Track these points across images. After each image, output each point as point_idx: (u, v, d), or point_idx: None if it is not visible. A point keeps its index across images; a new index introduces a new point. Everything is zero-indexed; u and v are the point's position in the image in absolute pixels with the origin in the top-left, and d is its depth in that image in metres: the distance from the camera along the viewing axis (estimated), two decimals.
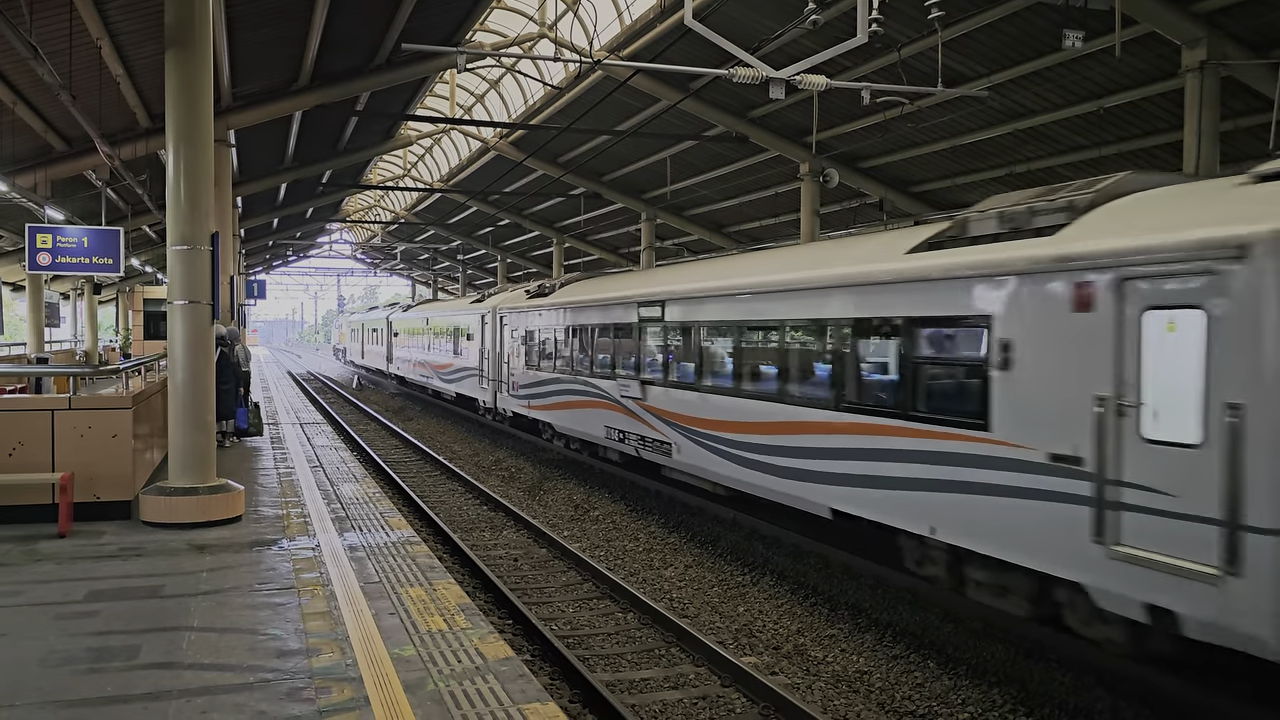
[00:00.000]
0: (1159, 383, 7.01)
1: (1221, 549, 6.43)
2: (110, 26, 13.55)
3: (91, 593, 7.44)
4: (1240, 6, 13.55)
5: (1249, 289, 6.37)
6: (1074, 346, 7.66)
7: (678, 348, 14.98)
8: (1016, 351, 8.23)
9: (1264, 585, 6.17)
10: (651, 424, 15.53)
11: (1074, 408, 7.59)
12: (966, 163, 22.03)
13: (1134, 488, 7.10)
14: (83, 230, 17.15)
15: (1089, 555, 7.43)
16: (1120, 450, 7.21)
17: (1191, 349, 6.75)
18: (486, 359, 26.45)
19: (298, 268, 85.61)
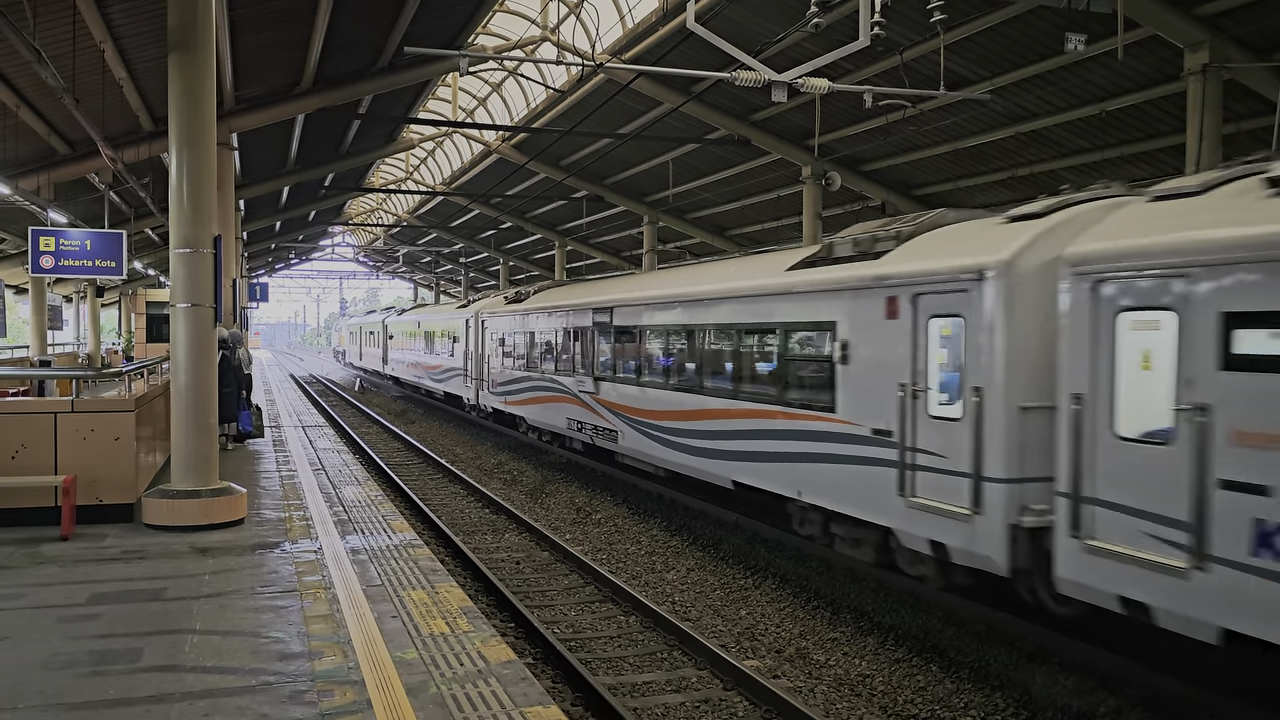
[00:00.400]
0: (938, 372, 9.34)
1: (971, 495, 8.68)
2: (113, 30, 13.57)
3: (94, 595, 7.44)
4: (1243, 10, 13.55)
5: (985, 301, 8.61)
6: (886, 345, 9.91)
7: (621, 348, 17.25)
8: (851, 350, 10.51)
9: (995, 520, 8.45)
10: (602, 415, 17.80)
11: (887, 392, 9.82)
12: (969, 166, 22.03)
13: (924, 453, 9.36)
14: (85, 233, 17.18)
15: (897, 506, 9.68)
16: (915, 424, 9.49)
17: (955, 347, 9.05)
18: (470, 359, 28.68)
19: (300, 271, 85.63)
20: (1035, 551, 8.25)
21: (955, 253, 9.18)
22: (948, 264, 9.12)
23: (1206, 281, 6.59)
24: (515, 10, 24.28)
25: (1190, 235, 6.81)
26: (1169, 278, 6.87)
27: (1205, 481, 6.53)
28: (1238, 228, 6.50)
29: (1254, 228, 6.36)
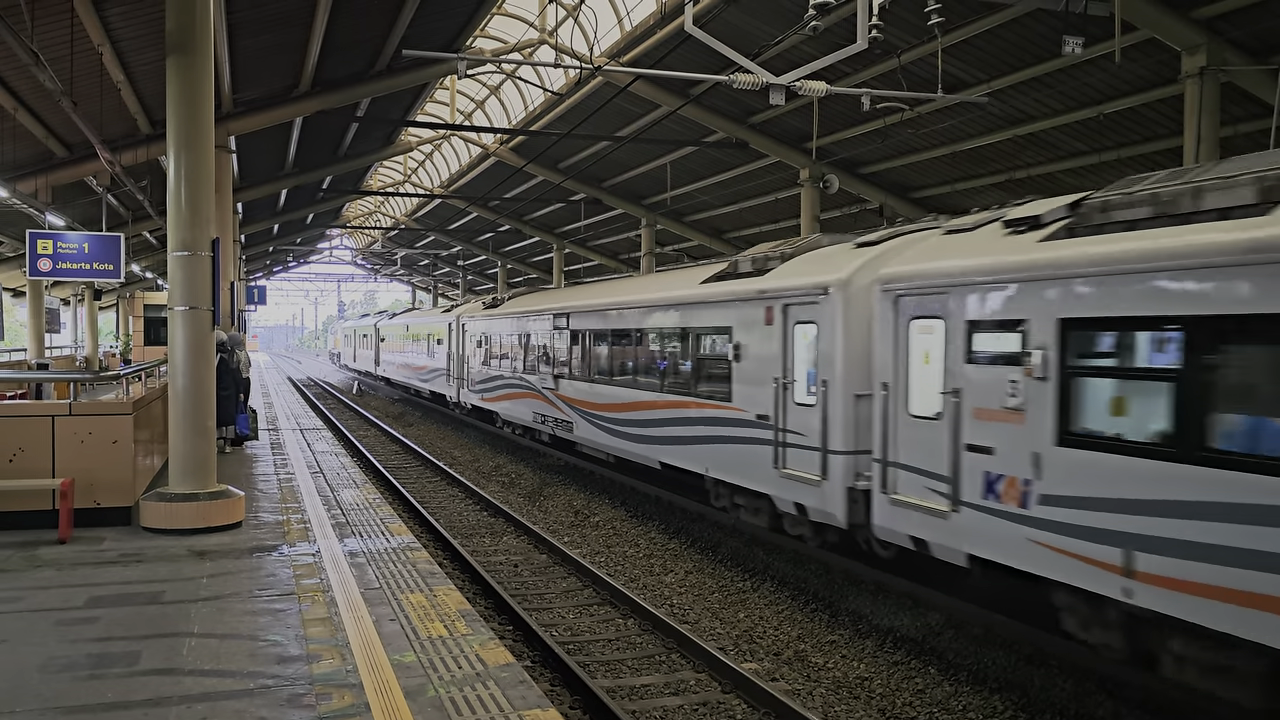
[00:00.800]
0: (801, 368, 11.62)
1: (820, 465, 10.96)
2: (111, 33, 13.57)
3: (92, 599, 7.43)
4: (1240, 12, 13.57)
5: (827, 311, 10.91)
6: (765, 346, 12.26)
7: (575, 350, 19.51)
8: (741, 351, 12.87)
9: (837, 485, 10.73)
10: (561, 409, 20.08)
11: (766, 385, 12.19)
12: (966, 168, 22.05)
13: (791, 433, 11.64)
14: (83, 236, 17.17)
15: (774, 476, 11.96)
16: (786, 410, 11.79)
17: (811, 347, 11.35)
18: (451, 360, 31.29)
19: (298, 273, 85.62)
20: (865, 508, 10.33)
21: (813, 272, 11.50)
22: (806, 281, 11.51)
23: (957, 298, 8.80)
24: (513, 13, 24.29)
25: (949, 264, 9.02)
26: (938, 294, 9.08)
27: (958, 446, 8.74)
28: (974, 259, 8.72)
29: (984, 259, 8.59)
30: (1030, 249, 8.16)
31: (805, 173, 23.37)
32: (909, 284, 9.50)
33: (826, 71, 15.44)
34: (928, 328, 9.35)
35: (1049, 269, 7.85)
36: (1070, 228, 7.96)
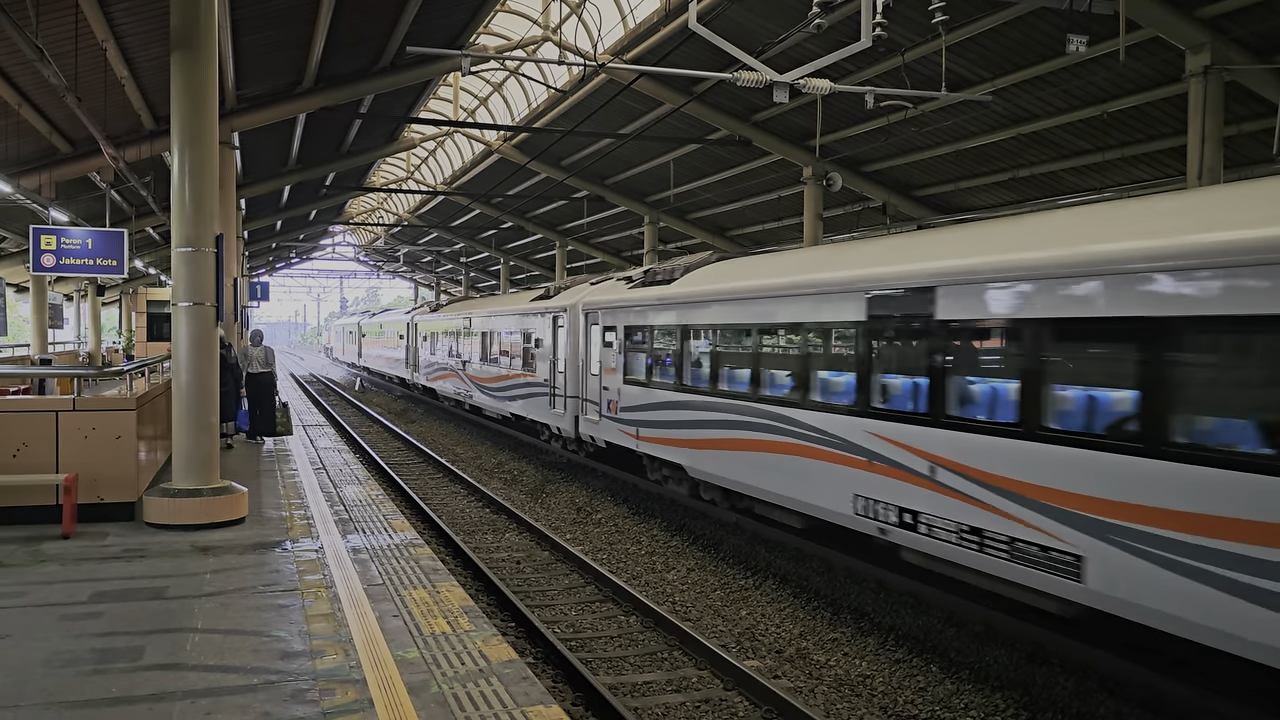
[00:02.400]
0: (560, 350, 20.36)
1: (562, 403, 20.02)
2: (116, 29, 13.58)
3: (96, 594, 7.45)
4: (1244, 11, 13.55)
5: (565, 320, 20.23)
6: (548, 340, 21.33)
7: (472, 343, 29.48)
8: (539, 342, 21.86)
9: (568, 414, 19.66)
10: (468, 384, 29.57)
11: (548, 362, 21.05)
12: (970, 167, 22.03)
13: (555, 388, 20.52)
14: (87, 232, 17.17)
15: (550, 413, 20.78)
16: (554, 376, 20.58)
17: (559, 338, 20.75)
18: (409, 351, 40.05)
19: (301, 270, 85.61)
20: (577, 427, 19.31)
21: (563, 299, 20.93)
22: (558, 304, 20.89)
23: (601, 314, 17.94)
24: (517, 10, 24.28)
25: (597, 298, 18.29)
26: (600, 311, 17.91)
27: (600, 387, 17.89)
28: (604, 295, 18.01)
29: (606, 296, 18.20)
30: (621, 291, 17.26)
31: (808, 171, 23.35)
32: (589, 307, 18.67)
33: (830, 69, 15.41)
34: (600, 329, 18.09)
35: (624, 302, 16.88)
36: (642, 282, 16.72)
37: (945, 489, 8.98)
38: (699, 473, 14.06)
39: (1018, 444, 8.20)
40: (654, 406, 15.50)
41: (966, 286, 8.91)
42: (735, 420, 12.96)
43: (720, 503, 14.34)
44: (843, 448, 10.57)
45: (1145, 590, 7.05)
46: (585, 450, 19.96)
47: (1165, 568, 6.88)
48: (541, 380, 21.38)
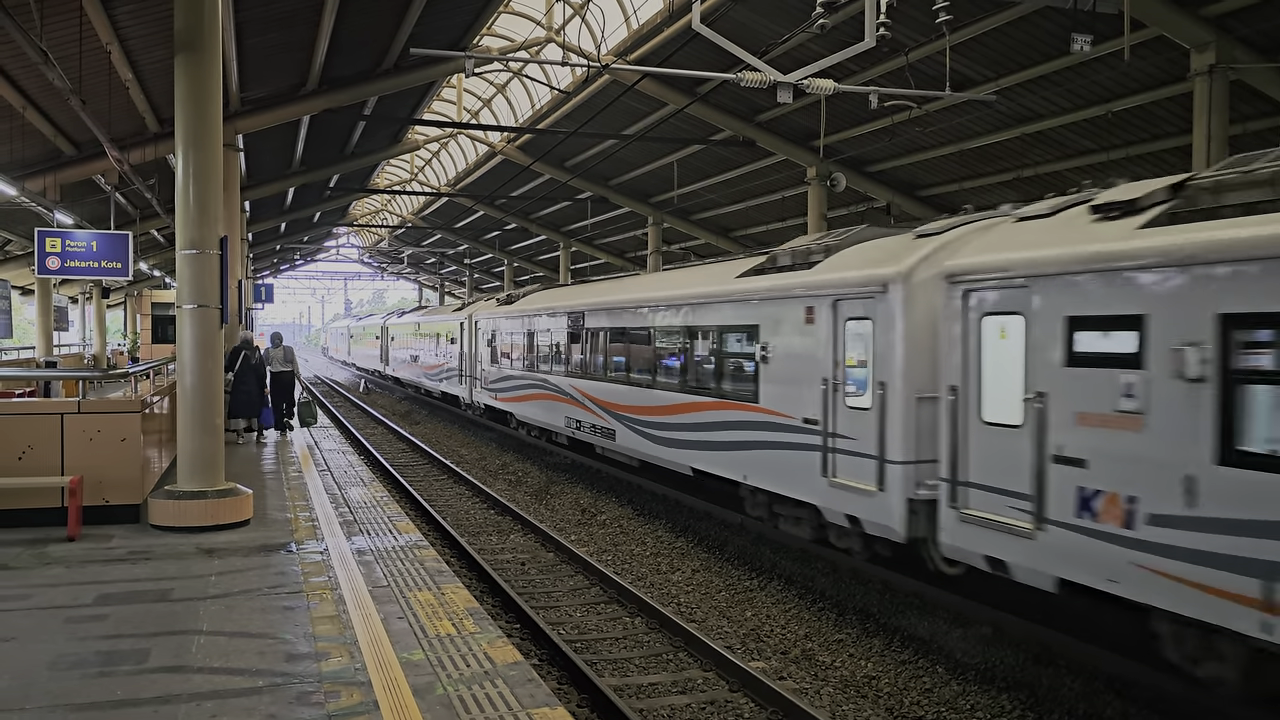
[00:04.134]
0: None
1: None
2: (120, 31, 13.61)
3: (101, 596, 7.45)
4: (1249, 10, 13.53)
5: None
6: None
7: (423, 345, 35.85)
8: (472, 339, 27.73)
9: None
10: (420, 376, 36.16)
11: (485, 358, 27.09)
12: (974, 167, 22.01)
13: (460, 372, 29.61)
14: (91, 234, 17.21)
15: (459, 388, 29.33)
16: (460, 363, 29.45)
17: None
18: (384, 350, 46.70)
19: (305, 272, 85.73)
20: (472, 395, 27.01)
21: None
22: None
23: (480, 322, 25.27)
24: (520, 11, 24.30)
25: (481, 312, 24.27)
26: (479, 320, 24.12)
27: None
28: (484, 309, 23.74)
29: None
30: (491, 307, 16.52)
31: (812, 171, 23.34)
32: (476, 317, 21.87)
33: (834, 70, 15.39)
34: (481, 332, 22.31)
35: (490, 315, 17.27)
36: (501, 301, 16.94)
37: (590, 409, 18.47)
38: (522, 415, 23.40)
39: (606, 385, 17.79)
40: (502, 379, 24.81)
41: (590, 312, 18.83)
42: (532, 383, 22.42)
43: (532, 433, 23.73)
44: (563, 392, 20.17)
45: (632, 444, 16.34)
46: (475, 410, 29.09)
47: (633, 430, 16.27)
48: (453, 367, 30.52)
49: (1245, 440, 6.37)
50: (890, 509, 9.83)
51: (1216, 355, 6.56)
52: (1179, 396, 6.76)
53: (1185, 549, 6.67)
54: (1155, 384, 6.95)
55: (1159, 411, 6.94)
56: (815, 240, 12.39)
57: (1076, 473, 7.55)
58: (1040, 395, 7.89)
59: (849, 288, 10.67)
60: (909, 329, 9.79)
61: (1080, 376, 7.59)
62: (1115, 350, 7.33)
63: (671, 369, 15.21)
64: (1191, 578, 6.63)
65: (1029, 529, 7.96)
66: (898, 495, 9.72)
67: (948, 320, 9.05)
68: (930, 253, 9.90)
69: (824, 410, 10.97)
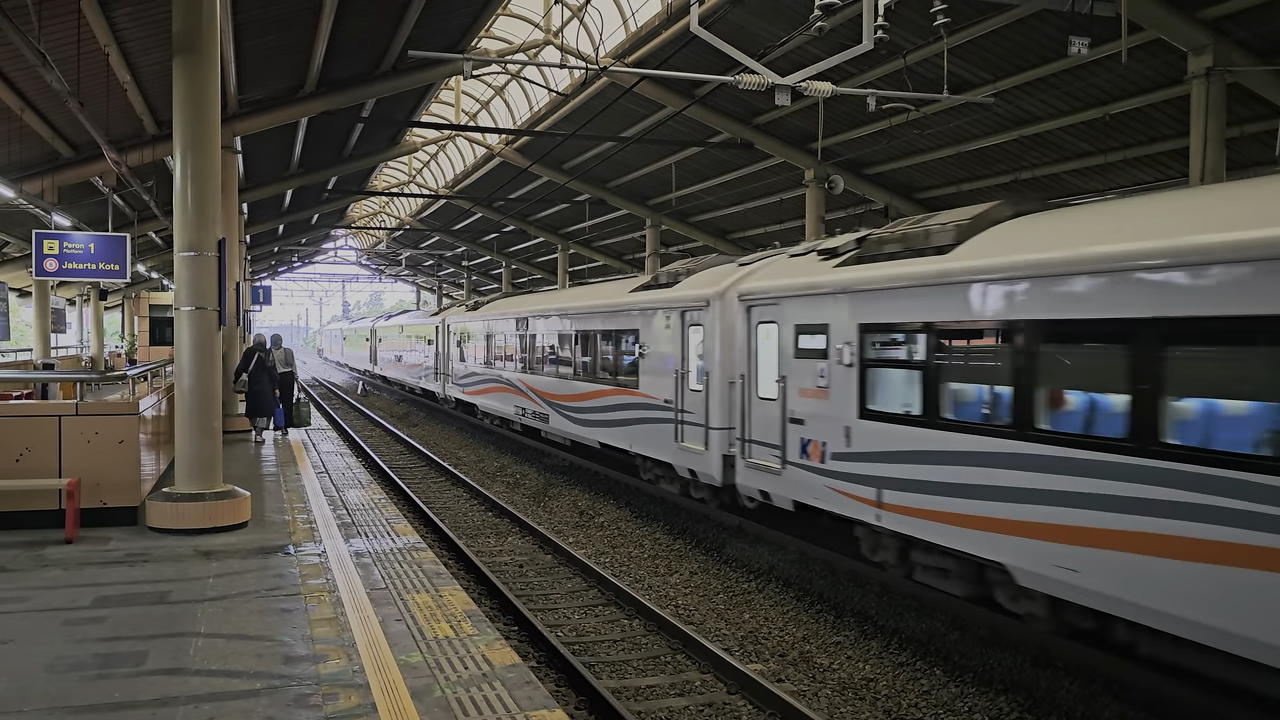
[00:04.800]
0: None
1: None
2: (118, 34, 13.59)
3: (98, 598, 7.45)
4: (1247, 13, 13.54)
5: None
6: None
7: (389, 344, 43.89)
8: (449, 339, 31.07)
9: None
10: (383, 366, 43.96)
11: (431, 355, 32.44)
12: (972, 169, 22.02)
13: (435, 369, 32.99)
14: (89, 236, 17.18)
15: (435, 386, 33.28)
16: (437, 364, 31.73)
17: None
18: (371, 350, 51.91)
19: (303, 274, 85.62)
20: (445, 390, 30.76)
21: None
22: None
23: (451, 325, 30.07)
24: (518, 14, 24.30)
25: (453, 320, 30.84)
26: (450, 325, 29.90)
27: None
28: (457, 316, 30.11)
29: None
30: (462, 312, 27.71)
31: (810, 173, 23.35)
32: (451, 322, 29.74)
33: (832, 72, 15.42)
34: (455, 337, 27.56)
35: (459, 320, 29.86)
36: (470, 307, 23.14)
37: (532, 399, 22.07)
38: (484, 407, 26.98)
39: (541, 378, 21.61)
40: (467, 375, 28.89)
41: (530, 318, 22.91)
42: (490, 378, 26.55)
43: (493, 421, 27.59)
44: (513, 385, 23.71)
45: (560, 426, 20.05)
46: (449, 404, 32.84)
47: (560, 414, 20.15)
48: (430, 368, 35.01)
49: (871, 403, 10.09)
50: (712, 462, 13.72)
51: (858, 350, 10.23)
52: (843, 376, 10.48)
53: (846, 473, 10.36)
54: (832, 369, 10.68)
55: (834, 386, 10.65)
56: (684, 264, 16.21)
57: (800, 428, 11.32)
58: (783, 377, 11.67)
59: (690, 302, 14.51)
60: (723, 332, 13.55)
61: (802, 364, 11.29)
62: (816, 347, 11.03)
63: (584, 364, 19.32)
64: (848, 491, 10.33)
65: (778, 469, 11.78)
66: (716, 452, 13.63)
67: (741, 327, 12.86)
68: (737, 279, 13.46)
69: (676, 393, 14.86)
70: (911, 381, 9.49)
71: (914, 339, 9.44)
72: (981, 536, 8.38)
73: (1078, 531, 7.37)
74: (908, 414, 9.49)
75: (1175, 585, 6.60)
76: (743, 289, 12.74)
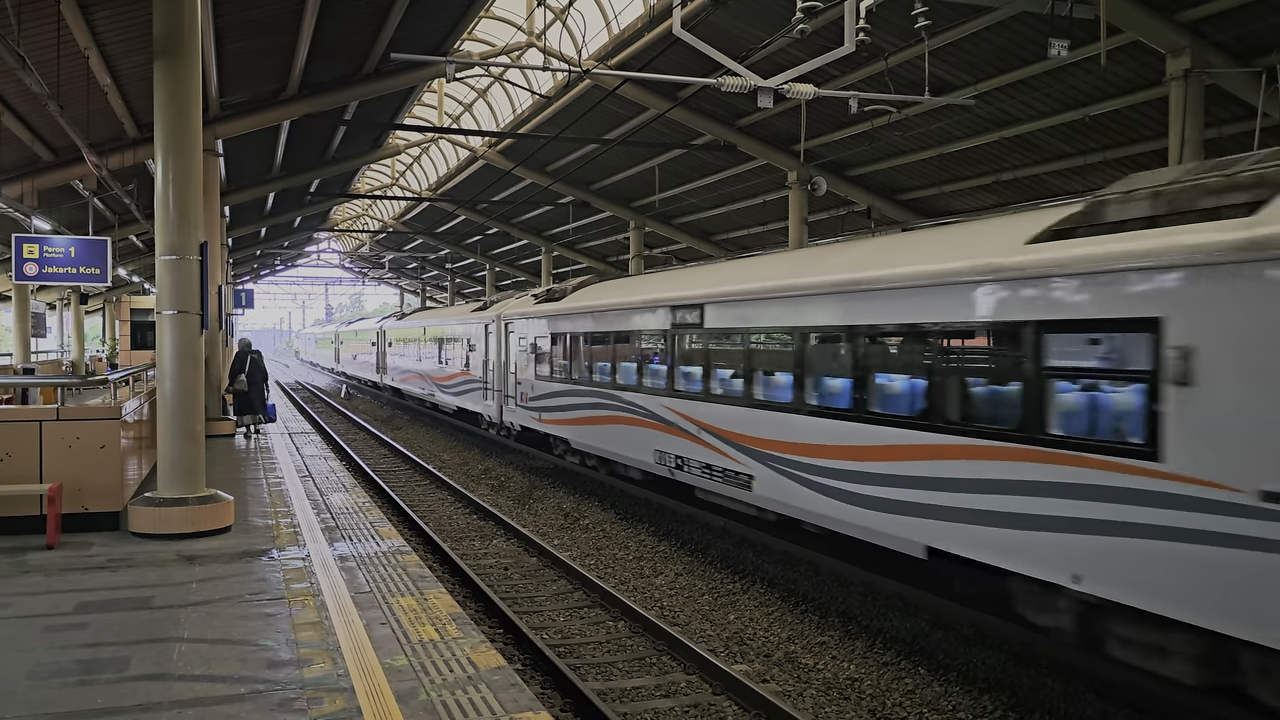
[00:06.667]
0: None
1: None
2: (98, 36, 13.51)
3: (80, 604, 7.41)
4: (1224, 15, 13.67)
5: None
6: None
7: (354, 348, 54.06)
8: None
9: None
10: (345, 364, 56.94)
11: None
12: (954, 170, 22.13)
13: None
14: (70, 240, 17.07)
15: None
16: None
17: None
18: (337, 354, 61.81)
19: (285, 277, 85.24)
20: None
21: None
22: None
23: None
24: (501, 17, 24.28)
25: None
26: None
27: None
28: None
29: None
30: (393, 322, 40.10)
31: (793, 175, 23.42)
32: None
33: (814, 74, 15.49)
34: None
35: (392, 328, 40.20)
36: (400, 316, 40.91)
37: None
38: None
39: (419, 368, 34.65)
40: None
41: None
42: (407, 368, 36.75)
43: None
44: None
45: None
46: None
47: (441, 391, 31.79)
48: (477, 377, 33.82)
49: (539, 374, 20.46)
50: (494, 409, 24.10)
51: (531, 347, 20.79)
52: (530, 361, 20.86)
53: (531, 407, 20.65)
54: (529, 356, 20.84)
55: (530, 365, 20.91)
56: (499, 296, 24.17)
57: (520, 387, 21.45)
58: (517, 362, 21.56)
59: (488, 320, 24.88)
60: (498, 337, 23.73)
61: (522, 355, 21.34)
62: (527, 345, 20.76)
63: (443, 359, 30.83)
64: (531, 415, 21.01)
65: (514, 409, 21.79)
66: (495, 403, 23.91)
67: (504, 335, 23.08)
68: (505, 308, 23.78)
69: (484, 373, 25.11)
70: (543, 361, 20.13)
71: (556, 340, 19.34)
72: (568, 429, 18.65)
73: (581, 419, 18.00)
74: (550, 376, 19.54)
75: (603, 437, 16.90)
76: (504, 313, 23.41)
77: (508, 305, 24.35)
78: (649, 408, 15.08)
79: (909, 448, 9.27)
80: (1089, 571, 7.32)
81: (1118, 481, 7.12)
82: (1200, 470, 6.60)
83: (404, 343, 37.23)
